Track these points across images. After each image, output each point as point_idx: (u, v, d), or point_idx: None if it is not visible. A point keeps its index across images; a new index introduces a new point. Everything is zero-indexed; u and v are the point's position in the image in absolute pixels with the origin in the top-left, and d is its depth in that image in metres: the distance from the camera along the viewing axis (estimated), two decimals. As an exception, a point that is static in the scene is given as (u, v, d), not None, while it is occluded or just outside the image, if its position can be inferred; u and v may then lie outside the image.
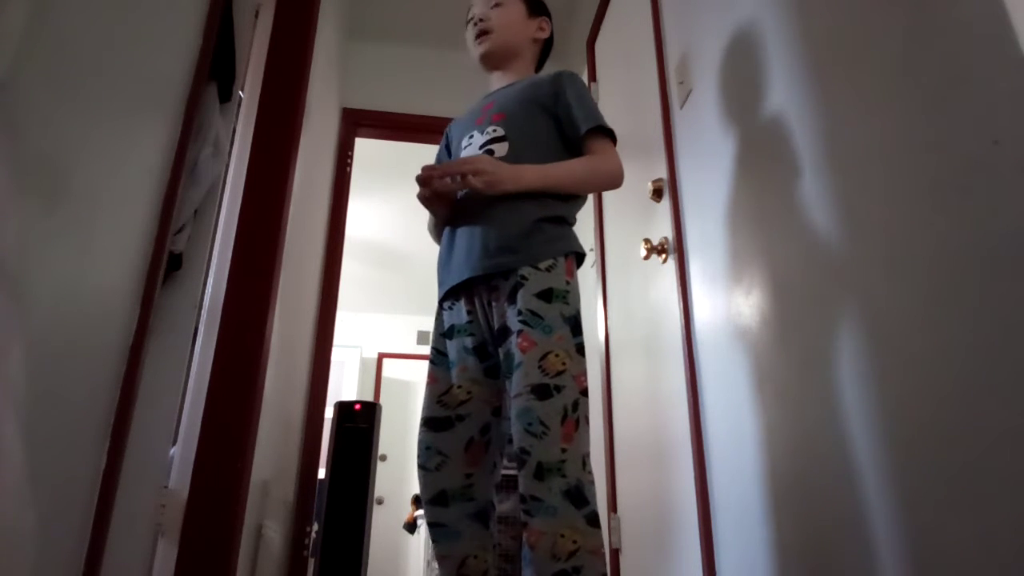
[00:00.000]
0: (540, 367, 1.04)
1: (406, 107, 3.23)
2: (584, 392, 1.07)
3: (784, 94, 1.23)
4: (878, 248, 0.95)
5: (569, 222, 1.24)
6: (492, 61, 1.44)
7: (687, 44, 1.72)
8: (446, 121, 3.45)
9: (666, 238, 1.73)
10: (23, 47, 0.77)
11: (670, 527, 1.62)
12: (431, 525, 1.15)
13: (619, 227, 2.25)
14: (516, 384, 1.05)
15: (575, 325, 1.10)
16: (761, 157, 1.30)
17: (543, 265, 1.13)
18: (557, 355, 1.05)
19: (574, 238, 1.22)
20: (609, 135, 1.29)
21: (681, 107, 1.73)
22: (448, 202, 1.29)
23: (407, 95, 3.27)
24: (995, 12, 0.76)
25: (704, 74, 1.59)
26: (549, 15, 1.52)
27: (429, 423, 1.18)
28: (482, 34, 1.43)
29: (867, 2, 1.01)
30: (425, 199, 1.27)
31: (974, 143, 0.79)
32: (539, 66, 1.53)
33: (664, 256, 1.73)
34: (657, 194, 1.80)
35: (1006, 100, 0.75)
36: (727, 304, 1.39)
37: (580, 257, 1.22)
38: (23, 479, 0.78)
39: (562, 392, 1.03)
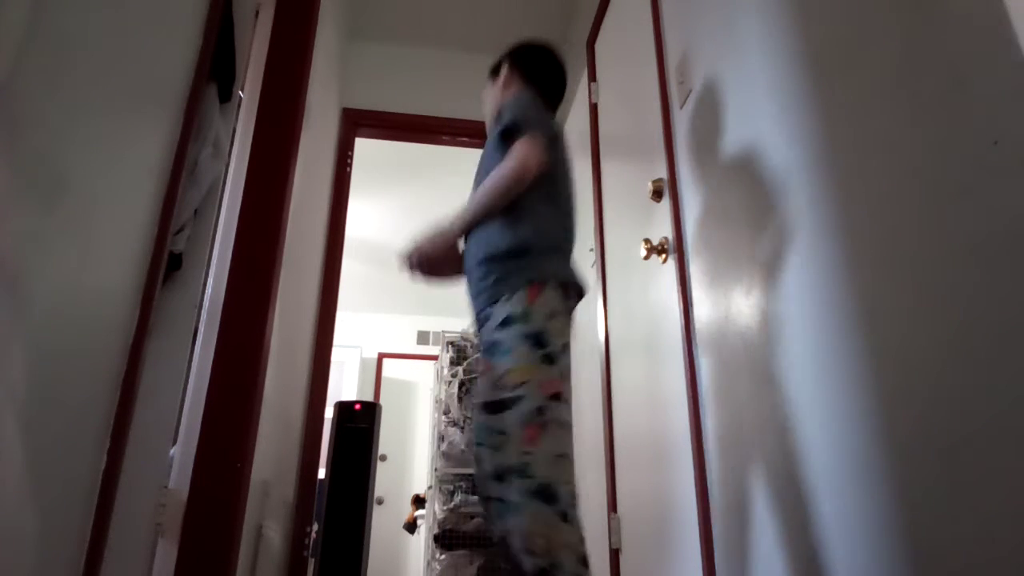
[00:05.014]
0: (497, 384, 1.11)
1: (406, 107, 3.24)
2: (554, 397, 1.10)
3: (784, 93, 1.23)
4: (877, 248, 0.95)
5: (529, 250, 1.22)
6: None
7: (687, 44, 1.72)
8: (446, 121, 3.44)
9: (666, 238, 1.73)
10: (23, 47, 0.77)
11: (670, 527, 1.62)
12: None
13: (619, 227, 2.25)
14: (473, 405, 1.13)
15: (538, 340, 1.14)
16: (761, 156, 1.30)
17: (502, 300, 1.18)
18: (519, 370, 1.11)
19: (535, 266, 1.20)
20: (521, 131, 1.24)
21: (681, 107, 1.73)
22: (440, 272, 1.37)
23: (407, 95, 3.27)
24: (995, 12, 0.76)
25: (704, 74, 1.59)
26: (505, 60, 1.56)
27: None
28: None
29: (867, 2, 1.01)
30: (427, 280, 1.39)
31: (974, 143, 0.79)
32: (537, 77, 1.54)
33: (664, 256, 1.73)
34: (657, 194, 1.80)
35: (1006, 100, 0.75)
36: (727, 304, 1.39)
37: (558, 283, 1.21)
38: (23, 479, 0.78)
39: (522, 401, 1.08)
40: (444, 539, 3.15)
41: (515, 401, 1.09)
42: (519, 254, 1.21)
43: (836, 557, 1.00)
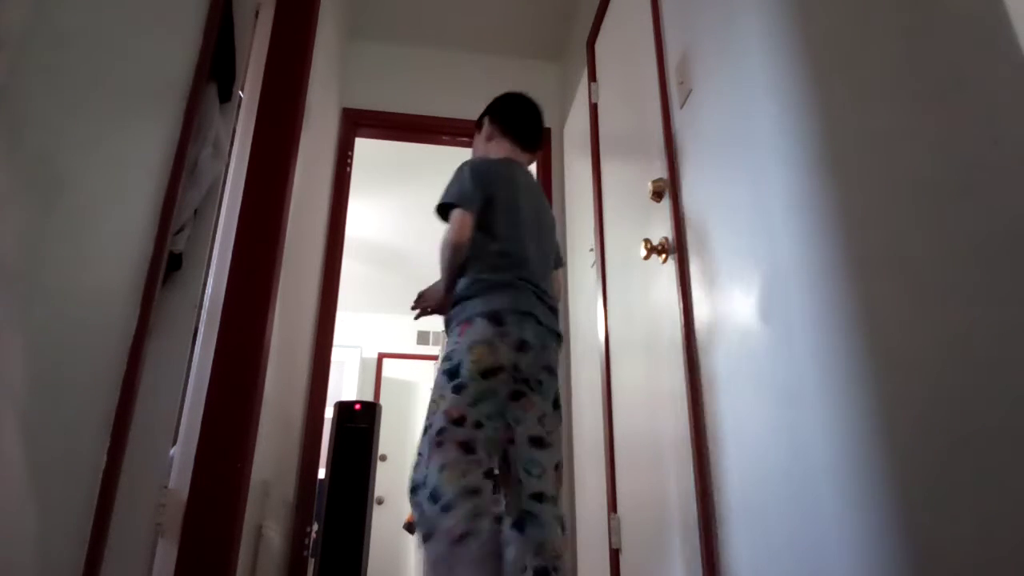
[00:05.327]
0: (427, 414, 1.38)
1: (406, 107, 3.24)
2: (457, 421, 1.33)
3: (784, 94, 1.23)
4: (878, 247, 0.95)
5: (469, 295, 1.45)
6: None
7: (687, 44, 1.72)
8: (446, 121, 3.44)
9: (666, 238, 1.73)
10: (23, 47, 0.77)
11: (670, 527, 1.62)
12: None
13: (619, 227, 2.25)
14: None
15: (452, 372, 1.37)
16: (761, 157, 1.30)
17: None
18: (434, 401, 1.37)
19: (469, 306, 1.44)
20: (451, 207, 1.50)
21: (681, 107, 1.73)
22: (439, 311, 1.62)
23: (407, 95, 3.27)
24: (995, 12, 0.77)
25: (704, 74, 1.59)
26: (485, 115, 1.77)
27: None
28: None
29: (867, 2, 1.01)
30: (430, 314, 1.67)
31: (974, 143, 0.79)
32: (513, 126, 1.74)
33: (664, 256, 1.73)
34: (657, 194, 1.80)
35: (1006, 100, 0.75)
36: (727, 304, 1.39)
37: (485, 314, 1.41)
38: (24, 479, 0.78)
39: (431, 426, 1.33)
40: (444, 539, 3.15)
41: (428, 427, 1.34)
42: (463, 299, 1.46)
43: (837, 556, 1.00)
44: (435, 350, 6.38)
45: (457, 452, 1.31)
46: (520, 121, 1.73)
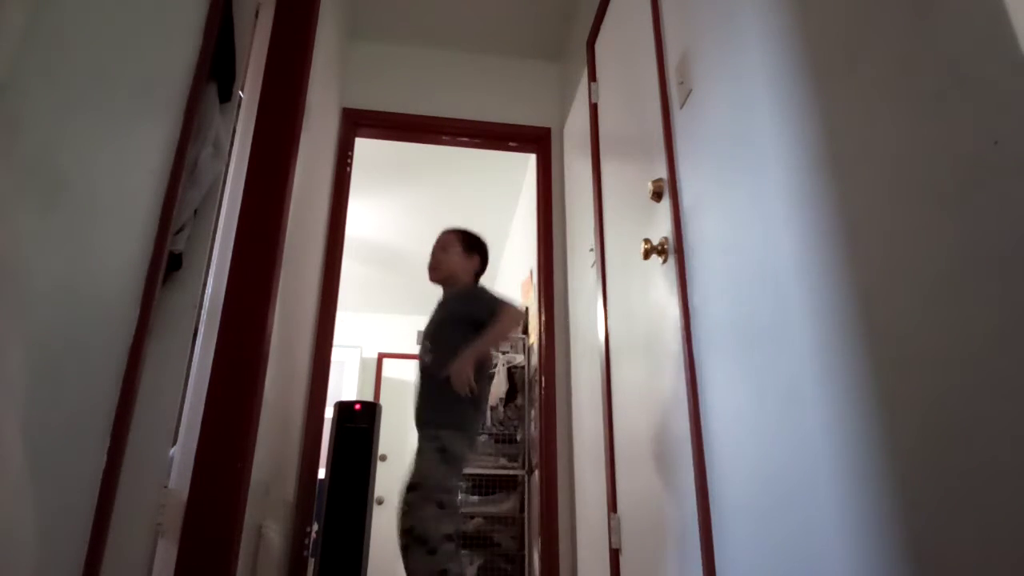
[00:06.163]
0: None
1: (406, 107, 3.24)
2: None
3: (784, 94, 1.23)
4: (878, 248, 0.96)
5: (456, 417, 2.09)
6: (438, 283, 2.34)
7: (687, 44, 1.72)
8: (446, 121, 3.44)
9: (666, 238, 1.73)
10: (23, 47, 0.77)
11: (670, 527, 1.62)
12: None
13: (619, 227, 2.25)
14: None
15: (441, 450, 2.03)
16: (761, 157, 1.30)
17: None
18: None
19: (452, 428, 2.07)
20: (500, 308, 2.12)
21: (681, 107, 1.73)
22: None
23: (407, 95, 3.27)
24: (995, 12, 0.76)
25: (704, 74, 1.59)
26: (473, 248, 2.34)
27: None
28: (430, 269, 2.32)
29: (867, 2, 1.01)
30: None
31: (974, 143, 0.79)
32: (481, 264, 2.36)
33: (664, 256, 1.73)
34: (657, 194, 1.80)
35: (1006, 100, 0.75)
36: (727, 304, 1.39)
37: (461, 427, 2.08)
38: (23, 479, 0.78)
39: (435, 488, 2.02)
40: (444, 539, 3.14)
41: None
42: (449, 409, 2.07)
43: (836, 556, 1.00)
44: (435, 350, 6.36)
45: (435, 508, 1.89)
46: (485, 263, 2.37)
